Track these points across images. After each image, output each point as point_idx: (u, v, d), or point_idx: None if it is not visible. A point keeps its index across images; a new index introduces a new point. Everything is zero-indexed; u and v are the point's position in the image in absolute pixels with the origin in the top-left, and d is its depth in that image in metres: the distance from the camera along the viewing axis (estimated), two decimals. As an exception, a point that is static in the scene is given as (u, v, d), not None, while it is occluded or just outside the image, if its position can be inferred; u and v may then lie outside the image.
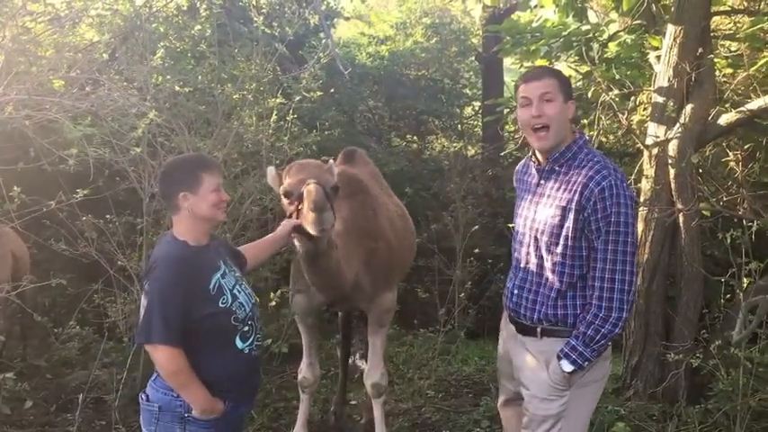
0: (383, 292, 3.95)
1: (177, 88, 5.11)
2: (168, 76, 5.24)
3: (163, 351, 2.40)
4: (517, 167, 2.94)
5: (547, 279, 2.64)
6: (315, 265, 3.29)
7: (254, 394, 2.73)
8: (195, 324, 2.43)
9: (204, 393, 2.46)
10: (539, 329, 2.67)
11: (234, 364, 2.54)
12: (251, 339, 2.60)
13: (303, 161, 3.33)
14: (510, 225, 3.46)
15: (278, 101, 5.41)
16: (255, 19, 5.58)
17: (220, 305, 2.49)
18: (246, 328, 2.58)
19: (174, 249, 2.52)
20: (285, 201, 3.14)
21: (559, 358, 2.57)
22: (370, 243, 3.82)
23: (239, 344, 2.55)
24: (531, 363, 2.69)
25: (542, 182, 2.69)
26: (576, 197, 2.53)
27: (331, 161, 3.39)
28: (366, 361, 5.12)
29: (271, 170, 3.30)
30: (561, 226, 2.57)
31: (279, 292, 3.40)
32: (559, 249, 2.58)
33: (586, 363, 2.55)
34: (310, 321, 4.05)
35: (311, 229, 2.93)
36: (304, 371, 4.09)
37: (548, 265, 2.63)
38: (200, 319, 2.44)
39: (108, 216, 4.75)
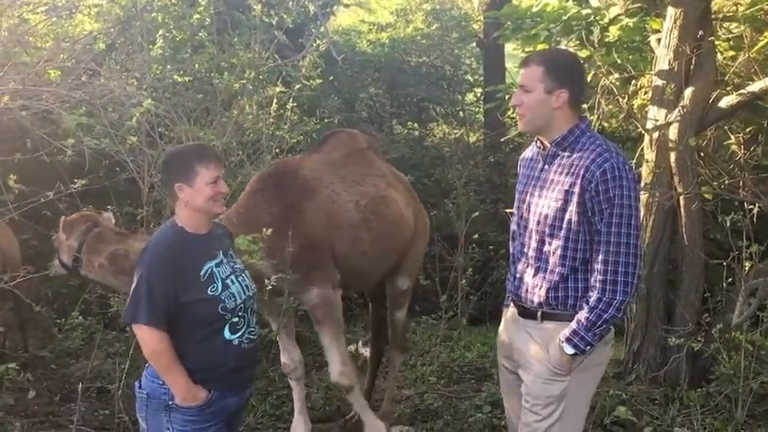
0: (301, 287, 3.74)
1: (176, 77, 5.09)
2: (168, 66, 5.22)
3: (147, 331, 2.43)
4: (524, 154, 2.92)
5: (549, 263, 2.63)
6: None
7: (246, 385, 2.71)
8: (181, 309, 2.46)
9: (184, 380, 2.46)
10: (539, 313, 2.67)
11: (221, 354, 2.53)
12: (242, 332, 2.58)
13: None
14: (509, 211, 3.44)
15: (278, 89, 5.38)
16: (254, 7, 5.55)
17: (209, 293, 2.50)
18: (236, 320, 2.56)
19: (166, 234, 2.59)
20: None
21: (561, 342, 2.57)
22: (283, 239, 3.52)
23: (228, 335, 2.54)
24: (532, 346, 2.68)
25: (546, 167, 2.68)
26: (578, 180, 2.52)
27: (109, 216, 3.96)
28: (368, 348, 5.16)
29: None
30: (564, 210, 2.56)
31: (273, 278, 3.37)
32: (562, 233, 2.58)
33: (588, 347, 2.55)
34: (273, 306, 3.86)
35: None
36: (282, 357, 4.09)
37: (550, 249, 2.62)
38: (186, 303, 2.46)
39: (109, 207, 4.74)
